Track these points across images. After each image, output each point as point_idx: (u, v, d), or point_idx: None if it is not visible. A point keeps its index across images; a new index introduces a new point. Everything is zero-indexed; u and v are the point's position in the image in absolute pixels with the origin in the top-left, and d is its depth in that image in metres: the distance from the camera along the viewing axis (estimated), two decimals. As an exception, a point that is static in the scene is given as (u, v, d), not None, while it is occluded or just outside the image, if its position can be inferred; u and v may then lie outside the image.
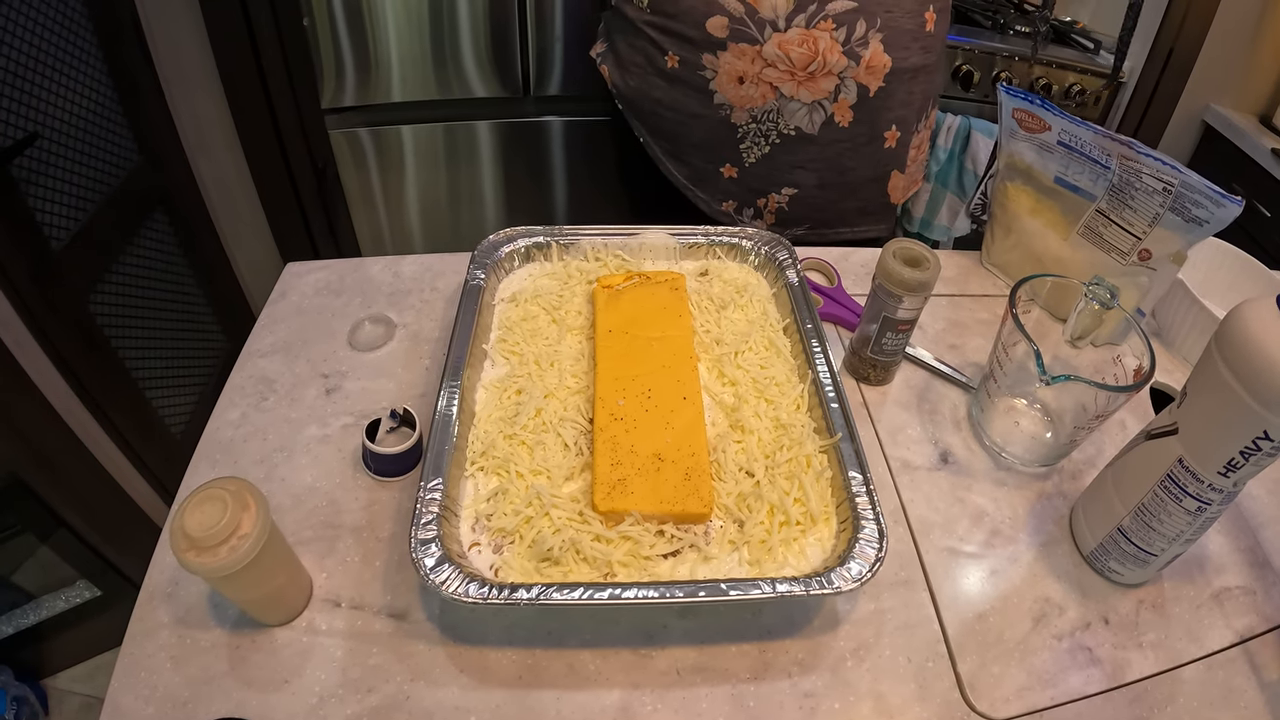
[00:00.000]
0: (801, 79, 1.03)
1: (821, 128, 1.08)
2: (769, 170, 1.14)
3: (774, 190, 1.17)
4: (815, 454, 0.73)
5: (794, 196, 1.17)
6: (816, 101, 1.06)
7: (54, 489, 1.31)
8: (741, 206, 1.20)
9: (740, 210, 1.21)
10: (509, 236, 0.94)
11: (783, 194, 1.17)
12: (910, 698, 0.64)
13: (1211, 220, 0.83)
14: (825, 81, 1.03)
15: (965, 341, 0.97)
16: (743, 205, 1.20)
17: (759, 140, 1.11)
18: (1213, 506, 0.63)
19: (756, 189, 1.18)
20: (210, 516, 0.55)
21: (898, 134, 1.12)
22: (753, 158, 1.14)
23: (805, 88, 1.04)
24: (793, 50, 1.01)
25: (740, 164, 1.15)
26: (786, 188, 1.16)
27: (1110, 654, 0.68)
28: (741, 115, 1.09)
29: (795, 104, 1.06)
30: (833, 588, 0.60)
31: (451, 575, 0.60)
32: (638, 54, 1.14)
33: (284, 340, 0.92)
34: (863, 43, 1.01)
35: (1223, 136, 1.93)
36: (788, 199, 1.17)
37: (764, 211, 1.20)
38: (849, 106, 1.06)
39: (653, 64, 1.12)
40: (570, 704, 0.62)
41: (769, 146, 1.12)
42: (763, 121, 1.09)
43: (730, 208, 1.21)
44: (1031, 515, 0.78)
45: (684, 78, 1.10)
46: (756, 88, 1.05)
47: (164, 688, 0.62)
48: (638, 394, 0.76)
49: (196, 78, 1.61)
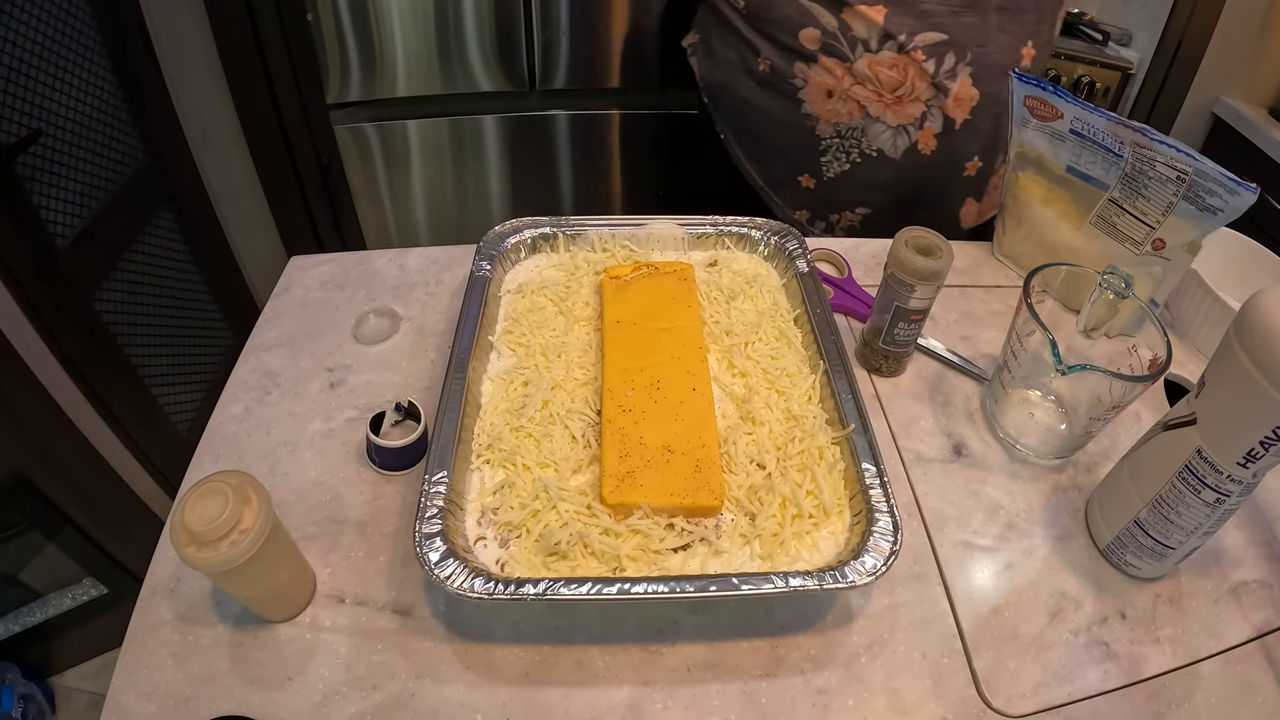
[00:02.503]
0: (889, 101, 1.04)
1: (904, 153, 1.08)
2: (846, 187, 1.14)
3: (848, 208, 1.17)
4: (828, 446, 0.72)
5: (867, 216, 1.17)
6: (902, 126, 1.06)
7: (60, 487, 1.30)
8: (814, 218, 1.20)
9: (812, 221, 1.21)
10: (515, 227, 0.94)
11: (856, 213, 1.17)
12: (925, 694, 0.63)
13: (1226, 209, 0.81)
14: (912, 107, 1.04)
15: (978, 333, 0.96)
16: (815, 217, 1.20)
17: (840, 156, 1.11)
18: (1231, 498, 0.62)
19: (831, 203, 1.17)
20: (211, 510, 0.54)
21: (979, 164, 1.12)
22: (832, 172, 1.13)
23: (892, 110, 1.04)
24: (883, 72, 1.01)
25: (819, 176, 1.14)
26: (861, 207, 1.16)
27: (1127, 649, 0.67)
28: (826, 129, 1.09)
29: (881, 125, 1.06)
30: (847, 582, 0.59)
31: (457, 570, 0.59)
32: (731, 51, 1.14)
33: (288, 334, 0.91)
34: (951, 75, 1.00)
35: (1232, 129, 1.92)
36: (861, 218, 1.17)
37: (835, 227, 1.20)
38: (934, 135, 1.06)
39: (745, 64, 1.12)
40: (578, 701, 0.61)
41: (849, 164, 1.12)
42: (846, 138, 1.09)
43: (803, 217, 1.21)
44: (1046, 508, 0.77)
45: (774, 83, 1.10)
46: (844, 104, 1.06)
47: (166, 685, 0.61)
48: (646, 385, 0.75)
49: (201, 74, 1.61)
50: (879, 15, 0.97)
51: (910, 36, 0.98)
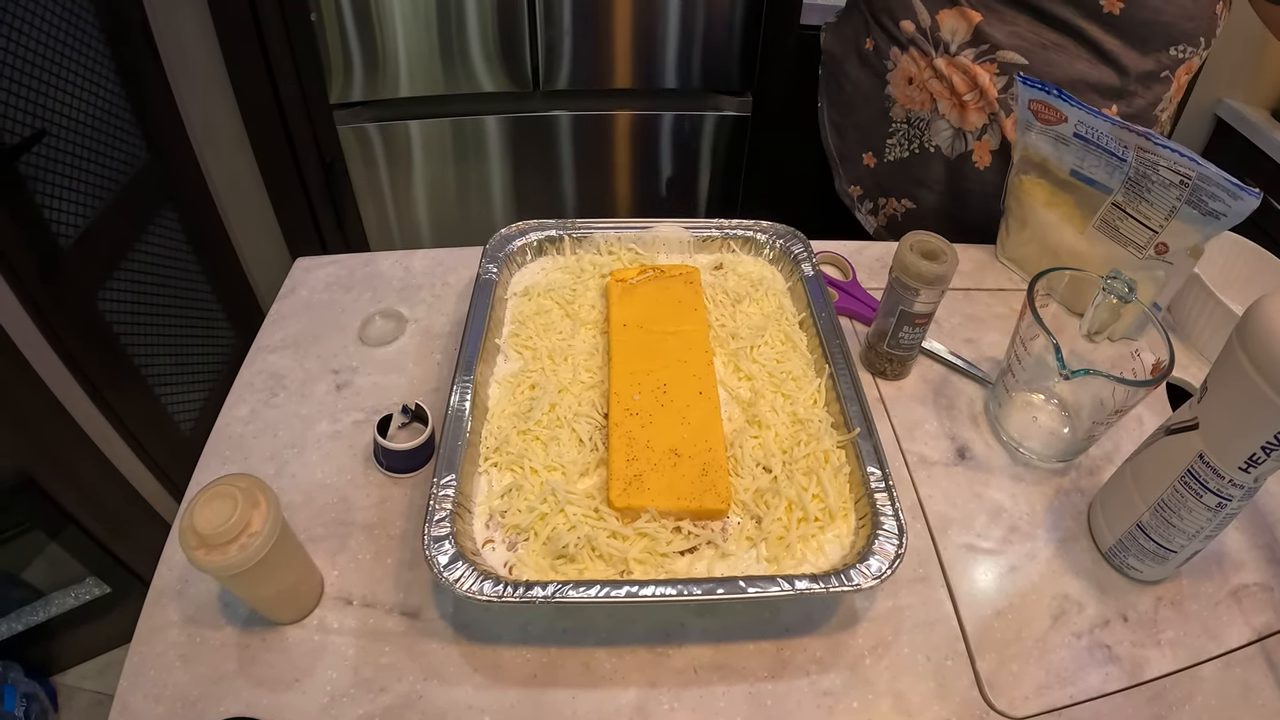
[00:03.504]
0: (955, 103, 1.08)
1: (959, 158, 1.12)
2: (901, 174, 1.19)
3: (895, 196, 1.21)
4: (833, 449, 0.72)
5: (910, 210, 1.21)
6: (961, 130, 1.10)
7: (63, 486, 1.30)
8: (865, 196, 1.26)
9: (863, 199, 1.27)
10: (521, 230, 0.94)
11: (902, 203, 1.21)
12: (929, 696, 0.63)
13: (1229, 213, 0.82)
14: (975, 116, 1.07)
15: (981, 336, 0.96)
16: (866, 195, 1.26)
17: (904, 141, 1.17)
18: (1233, 502, 0.62)
19: (884, 187, 1.22)
20: (220, 514, 0.54)
21: None
22: (893, 155, 1.19)
23: (957, 112, 1.08)
24: (955, 74, 1.05)
25: (881, 156, 1.20)
26: (908, 199, 1.20)
27: (1129, 652, 0.67)
28: (899, 112, 1.15)
29: (944, 123, 1.11)
30: (852, 585, 0.60)
31: (465, 573, 0.59)
32: (849, 28, 1.23)
33: (294, 336, 0.91)
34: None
35: (1235, 131, 1.92)
36: (904, 210, 1.21)
37: (880, 211, 1.25)
38: (989, 150, 1.09)
39: (856, 41, 1.20)
40: (586, 703, 0.62)
41: (908, 152, 1.17)
42: (914, 125, 1.14)
43: (856, 193, 1.27)
44: (1049, 511, 0.78)
45: (872, 62, 1.17)
46: (920, 92, 1.11)
47: (173, 687, 0.61)
48: (653, 388, 0.75)
49: (204, 74, 1.61)
50: (973, 20, 1.01)
51: (991, 49, 1.02)
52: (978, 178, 1.12)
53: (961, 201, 1.16)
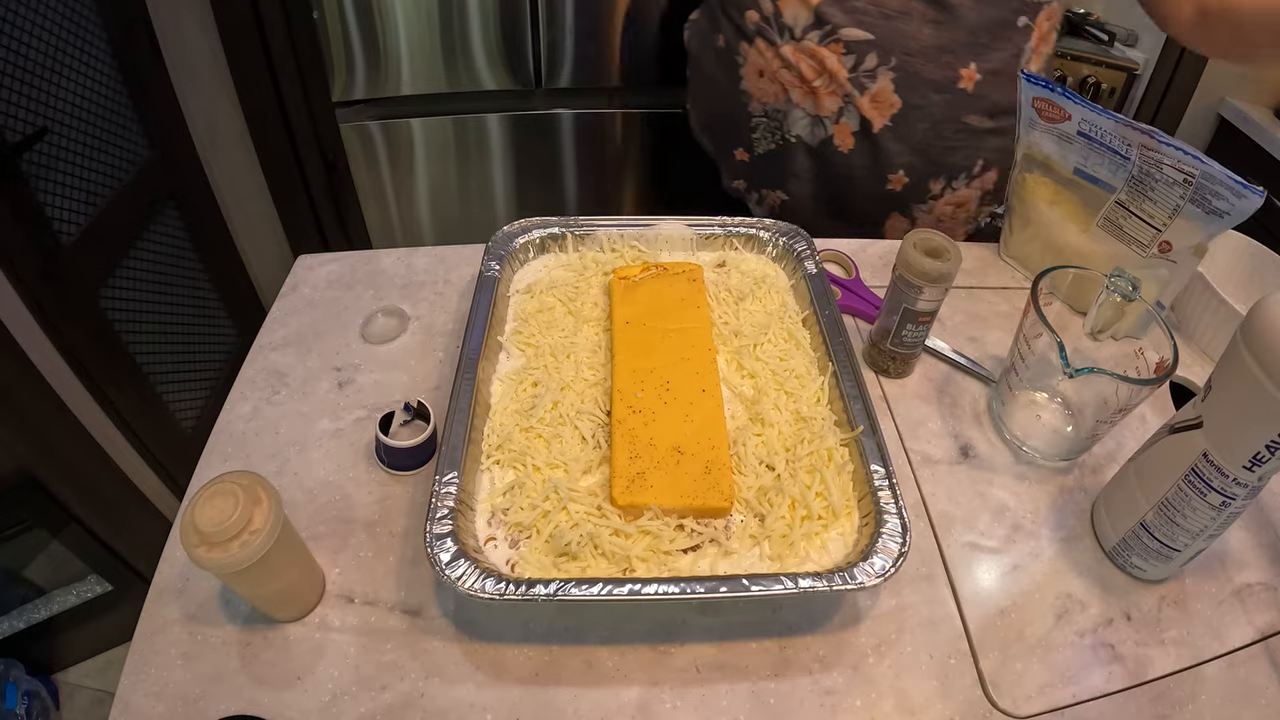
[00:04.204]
0: (805, 90, 1.06)
1: (821, 144, 1.10)
2: (772, 167, 1.18)
3: (771, 188, 1.20)
4: (836, 447, 0.72)
5: (785, 203, 1.20)
6: (819, 117, 1.07)
7: (65, 484, 1.30)
8: (750, 188, 1.25)
9: (748, 191, 1.25)
10: (524, 227, 0.94)
11: (777, 194, 1.20)
12: (932, 695, 0.63)
13: (1232, 212, 0.81)
14: (828, 100, 1.05)
15: (984, 334, 0.96)
16: (751, 188, 1.24)
17: (767, 135, 1.15)
18: (1237, 501, 0.62)
19: (761, 179, 1.21)
20: (222, 511, 0.54)
21: (905, 180, 1.11)
22: (761, 149, 1.17)
23: (810, 99, 1.06)
24: (803, 60, 1.03)
25: (751, 150, 1.19)
26: (783, 190, 1.19)
27: (1132, 651, 0.67)
28: (757, 107, 1.13)
29: (800, 112, 1.08)
30: (856, 583, 0.60)
31: (467, 570, 0.59)
32: (704, 25, 1.21)
33: (296, 333, 0.91)
34: (870, 75, 1.01)
35: (1238, 130, 1.92)
36: (780, 202, 1.21)
37: (764, 201, 1.24)
38: (851, 134, 1.07)
39: (710, 40, 1.18)
40: (588, 701, 0.61)
41: (774, 144, 1.15)
42: (772, 118, 1.12)
43: (741, 186, 1.26)
44: (1053, 510, 0.78)
45: (726, 59, 1.15)
46: (771, 84, 1.09)
47: (174, 685, 0.61)
48: (656, 386, 0.75)
49: (206, 71, 1.61)
50: (812, 2, 1.00)
51: (835, 30, 1.00)
52: (843, 162, 1.10)
53: (834, 188, 1.14)
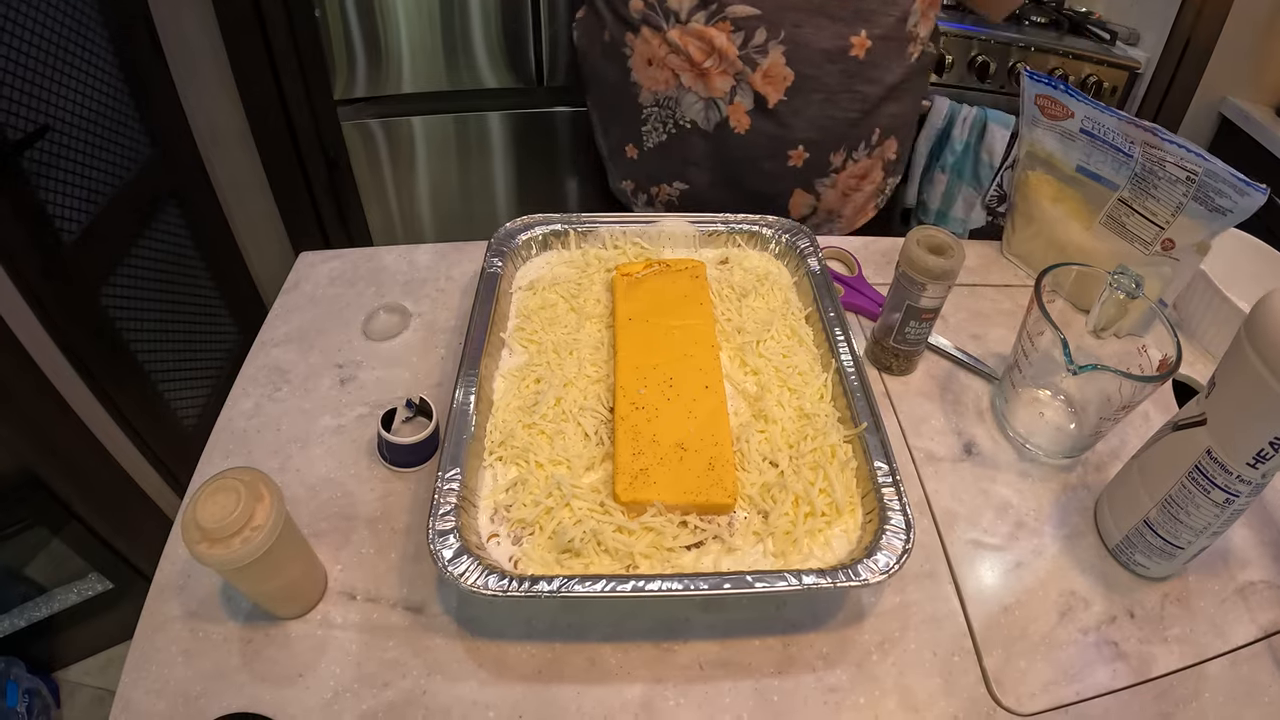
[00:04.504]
0: (697, 72, 1.03)
1: (716, 127, 1.08)
2: (664, 159, 1.15)
3: (665, 181, 1.18)
4: (840, 444, 0.72)
5: (685, 192, 1.17)
6: (712, 99, 1.05)
7: (66, 482, 1.30)
8: (638, 189, 1.22)
9: (636, 193, 1.23)
10: (526, 224, 0.93)
11: (674, 186, 1.17)
12: (936, 692, 0.63)
13: (1235, 210, 0.81)
14: (720, 80, 1.03)
15: (987, 332, 0.96)
16: (639, 189, 1.22)
17: (658, 126, 1.12)
18: (1240, 498, 0.62)
19: (652, 175, 1.19)
20: (223, 507, 0.54)
21: (805, 155, 1.09)
22: (651, 142, 1.15)
23: (702, 82, 1.04)
24: (691, 43, 1.01)
25: (640, 146, 1.16)
26: (679, 181, 1.16)
27: (1136, 648, 0.67)
28: (647, 97, 1.11)
29: (692, 96, 1.06)
30: (860, 580, 0.59)
31: (470, 567, 0.59)
32: (591, 23, 1.16)
33: (298, 330, 0.91)
34: (761, 50, 0.99)
35: (1239, 129, 1.91)
36: (679, 193, 1.18)
37: (655, 200, 1.21)
38: (745, 112, 1.05)
39: (597, 35, 1.14)
40: (591, 698, 0.61)
41: (666, 135, 1.12)
42: (664, 107, 1.10)
43: (629, 188, 1.23)
44: (1056, 507, 0.77)
45: (613, 53, 1.12)
46: (661, 71, 1.06)
47: (175, 682, 0.61)
48: (659, 382, 0.75)
49: (208, 69, 1.61)
50: None
51: (721, 8, 0.97)
52: (740, 143, 1.08)
53: (734, 171, 1.12)
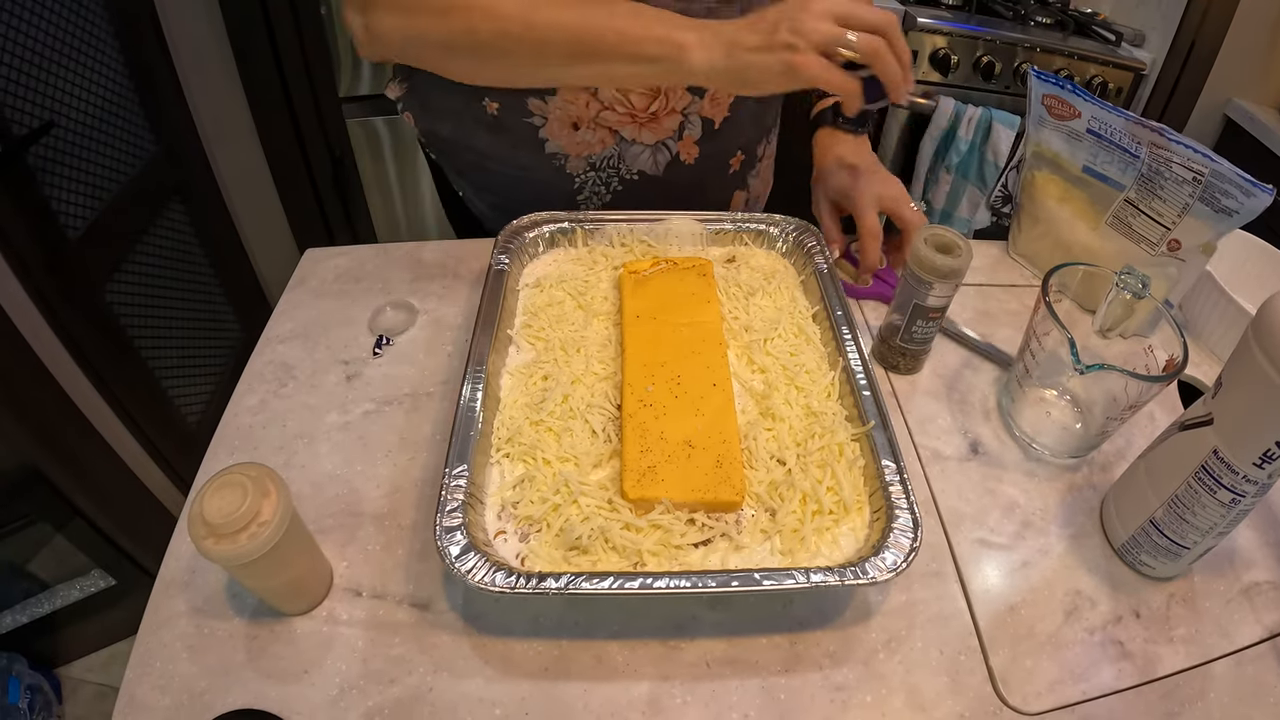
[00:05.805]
0: (643, 120, 0.94)
1: (666, 168, 1.00)
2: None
3: None
4: (847, 442, 0.72)
5: None
6: (660, 142, 0.97)
7: (69, 478, 1.31)
8: None
9: None
10: (533, 222, 0.93)
11: None
12: (943, 691, 0.63)
13: (1241, 210, 0.81)
14: (669, 120, 0.95)
15: (994, 332, 0.96)
16: None
17: (599, 189, 1.01)
18: (1246, 499, 0.62)
19: None
20: (230, 503, 0.54)
21: (742, 158, 1.06)
22: (592, 207, 1.03)
23: (648, 129, 0.95)
24: (631, 93, 0.91)
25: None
26: None
27: (1141, 648, 0.67)
28: (578, 164, 0.98)
29: (638, 147, 0.97)
30: (867, 578, 0.59)
31: (477, 564, 0.59)
32: (452, 98, 0.96)
33: (303, 326, 0.91)
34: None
35: (1244, 131, 1.92)
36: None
37: None
38: (694, 142, 0.98)
39: (470, 112, 0.96)
40: (598, 696, 0.61)
41: (610, 195, 1.02)
42: (602, 169, 0.99)
43: None
44: (1062, 507, 0.77)
45: (510, 126, 0.95)
46: (594, 133, 0.94)
47: (180, 678, 0.61)
48: (667, 380, 0.75)
49: (213, 67, 1.61)
50: None
51: None
52: (691, 172, 1.00)
53: (683, 200, 0.99)
